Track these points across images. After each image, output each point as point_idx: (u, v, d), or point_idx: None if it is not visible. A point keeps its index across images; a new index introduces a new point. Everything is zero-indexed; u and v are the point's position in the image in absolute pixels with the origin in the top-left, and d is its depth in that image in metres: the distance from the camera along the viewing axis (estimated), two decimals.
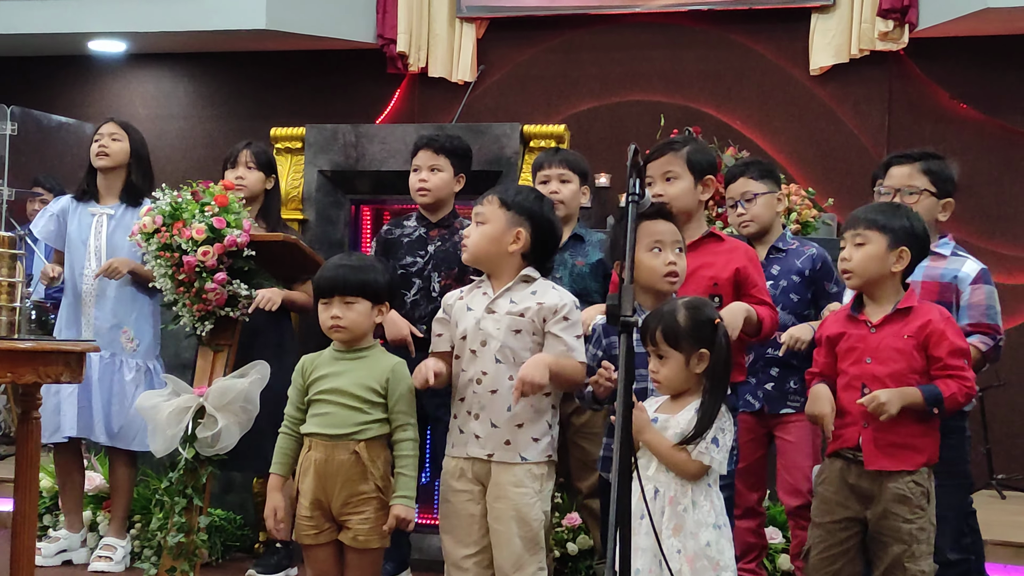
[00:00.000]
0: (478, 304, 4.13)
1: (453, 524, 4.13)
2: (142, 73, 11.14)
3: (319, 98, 10.43)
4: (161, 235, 4.90)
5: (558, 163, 5.10)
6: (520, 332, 4.05)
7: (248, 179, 5.60)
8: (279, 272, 5.27)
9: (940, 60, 9.36)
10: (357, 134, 6.05)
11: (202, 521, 4.96)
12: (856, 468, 4.01)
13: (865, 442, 3.98)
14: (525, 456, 4.04)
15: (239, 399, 4.90)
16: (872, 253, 4.04)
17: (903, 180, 4.52)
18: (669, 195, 4.34)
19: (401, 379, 4.13)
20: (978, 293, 4.39)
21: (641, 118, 9.67)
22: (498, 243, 4.10)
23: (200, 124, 10.99)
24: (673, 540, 3.61)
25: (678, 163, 4.41)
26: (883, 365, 3.98)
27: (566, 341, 4.04)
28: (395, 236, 5.20)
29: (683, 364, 3.70)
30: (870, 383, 3.97)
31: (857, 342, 4.05)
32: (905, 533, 3.93)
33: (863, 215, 4.10)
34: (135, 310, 5.70)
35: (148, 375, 5.68)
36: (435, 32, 10.24)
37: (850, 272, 4.07)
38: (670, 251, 3.99)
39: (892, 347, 3.99)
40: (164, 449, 4.92)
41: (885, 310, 4.05)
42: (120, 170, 5.75)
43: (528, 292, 4.09)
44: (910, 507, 3.94)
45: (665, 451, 3.67)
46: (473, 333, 4.09)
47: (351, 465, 4.06)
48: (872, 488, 3.99)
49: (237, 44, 10.40)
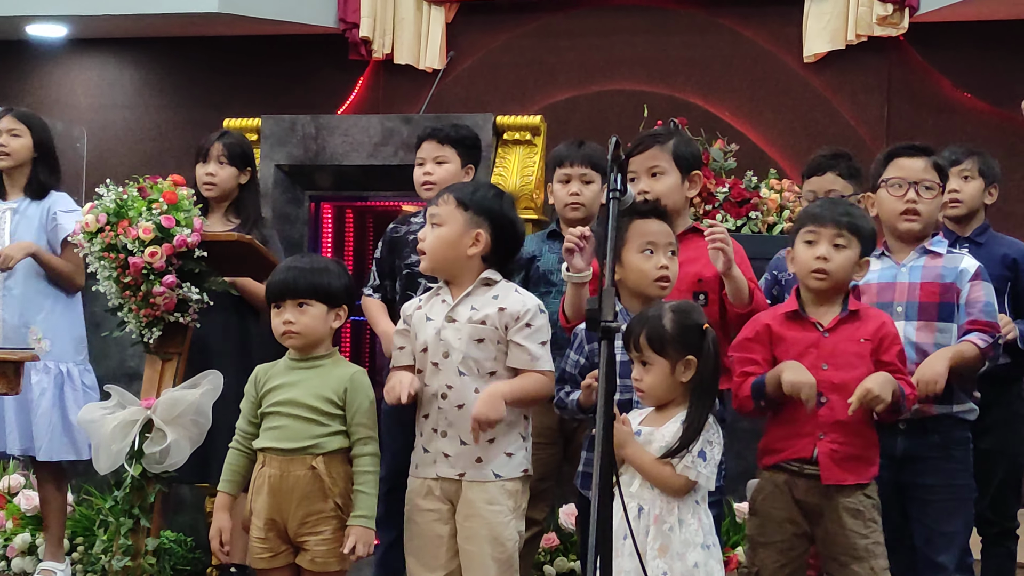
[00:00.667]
0: (437, 313, 4.11)
1: (418, 546, 4.11)
2: (85, 60, 11.10)
3: (276, 87, 10.41)
4: (105, 235, 4.86)
5: (581, 161, 4.91)
6: (483, 341, 4.03)
7: (219, 176, 5.54)
8: (234, 275, 5.25)
9: (942, 46, 9.41)
10: (317, 126, 6.05)
11: (150, 543, 4.93)
12: (804, 482, 3.98)
13: (822, 455, 3.95)
14: (499, 473, 4.03)
15: (190, 411, 4.87)
16: (851, 258, 4.06)
17: (919, 174, 4.45)
18: (656, 192, 4.33)
19: (360, 389, 4.12)
20: (976, 290, 4.38)
21: (623, 109, 9.67)
22: (456, 247, 4.07)
23: (147, 115, 10.95)
24: (659, 561, 3.60)
25: (664, 157, 4.40)
26: (841, 371, 3.97)
27: (529, 350, 4.02)
28: (401, 234, 5.15)
29: (668, 372, 3.70)
30: (827, 391, 3.95)
31: (808, 346, 4.02)
32: (862, 549, 3.93)
33: (847, 216, 4.08)
34: (44, 308, 5.66)
35: (62, 380, 5.64)
36: (401, 16, 10.23)
37: (827, 273, 4.04)
38: (662, 254, 3.99)
39: (849, 352, 3.99)
40: (109, 466, 4.89)
41: (833, 312, 4.05)
42: (24, 167, 5.73)
43: (489, 297, 4.08)
44: (864, 521, 3.95)
45: (648, 466, 3.67)
46: (434, 344, 4.07)
47: (308, 481, 4.05)
48: (821, 503, 3.98)
49: (188, 28, 10.38)
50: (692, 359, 3.69)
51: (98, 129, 10.81)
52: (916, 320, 4.35)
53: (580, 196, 4.89)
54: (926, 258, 4.42)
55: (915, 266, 4.41)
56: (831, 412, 3.94)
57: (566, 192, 4.89)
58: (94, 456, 4.93)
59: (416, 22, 10.25)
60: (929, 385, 4.17)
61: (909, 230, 4.43)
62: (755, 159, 9.01)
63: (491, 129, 5.84)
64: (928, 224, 4.46)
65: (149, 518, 4.92)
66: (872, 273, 4.41)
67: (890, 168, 4.50)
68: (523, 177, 5.68)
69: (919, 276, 4.40)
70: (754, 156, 9.14)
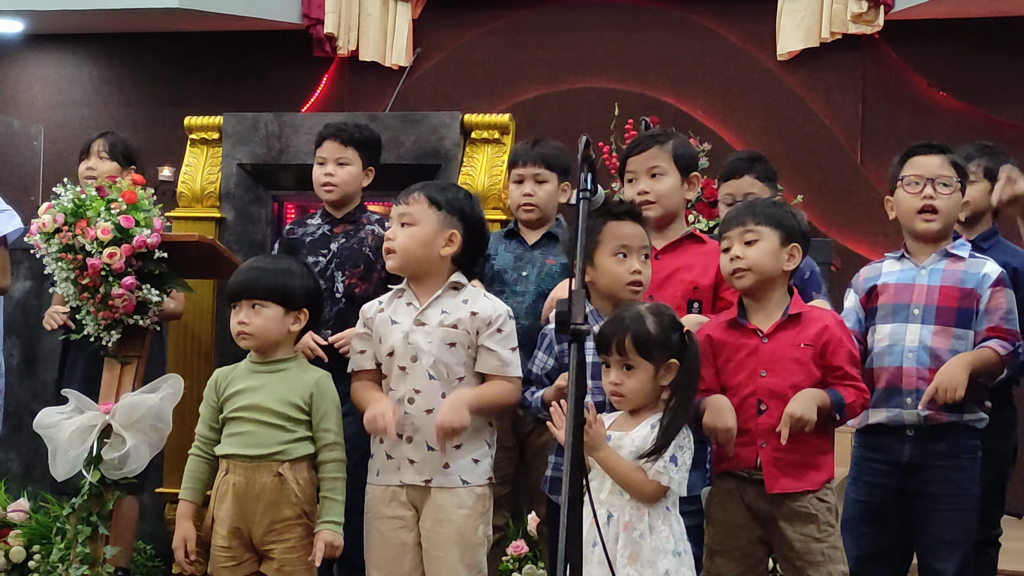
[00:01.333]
0: (404, 316, 4.11)
1: (382, 555, 4.11)
2: (42, 56, 11.05)
3: (238, 84, 10.39)
4: (63, 235, 4.84)
5: (534, 160, 4.89)
6: (455, 345, 4.04)
7: (99, 170, 5.60)
8: (193, 276, 5.24)
9: (918, 44, 9.45)
10: (280, 124, 6.01)
11: (108, 552, 4.92)
12: (753, 488, 3.99)
13: (765, 463, 3.95)
14: (466, 479, 4.04)
15: (149, 416, 4.86)
16: (767, 249, 4.01)
17: (936, 170, 4.43)
18: (656, 193, 4.34)
19: (326, 394, 4.12)
20: (998, 296, 4.37)
21: (593, 107, 9.69)
22: (430, 246, 4.07)
23: (106, 112, 10.91)
24: (629, 569, 3.61)
25: (664, 158, 4.40)
26: (779, 377, 3.96)
27: (500, 355, 4.04)
28: (297, 236, 5.15)
29: (652, 375, 3.71)
30: (766, 398, 3.95)
31: (748, 354, 4.01)
32: (818, 553, 3.93)
33: (750, 211, 4.08)
34: None
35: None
36: (366, 12, 10.22)
37: (743, 271, 4.00)
38: (636, 257, 3.98)
39: (789, 358, 3.98)
40: (66, 472, 4.87)
41: (774, 317, 4.03)
42: None
43: (459, 301, 4.09)
44: (818, 525, 3.95)
45: (622, 470, 3.67)
46: (402, 348, 4.07)
47: (274, 488, 4.05)
48: (771, 509, 3.98)
49: (148, 24, 10.35)
50: (674, 362, 3.71)
51: (56, 127, 10.77)
52: (933, 324, 4.35)
53: (533, 196, 4.87)
54: (947, 261, 4.42)
55: (935, 269, 4.40)
56: (770, 420, 3.93)
57: (519, 193, 4.88)
58: (51, 462, 4.90)
59: (382, 18, 10.24)
60: (948, 392, 4.19)
61: (927, 230, 4.42)
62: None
63: (459, 128, 5.82)
64: (947, 223, 4.45)
65: (107, 526, 4.91)
66: (891, 274, 4.43)
67: (906, 167, 4.49)
68: (491, 177, 5.66)
69: (939, 279, 4.40)
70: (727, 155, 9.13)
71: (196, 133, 6.16)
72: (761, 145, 9.56)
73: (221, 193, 6.05)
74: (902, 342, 4.37)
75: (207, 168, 6.10)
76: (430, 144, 5.75)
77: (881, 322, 4.45)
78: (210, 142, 6.13)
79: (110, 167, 5.67)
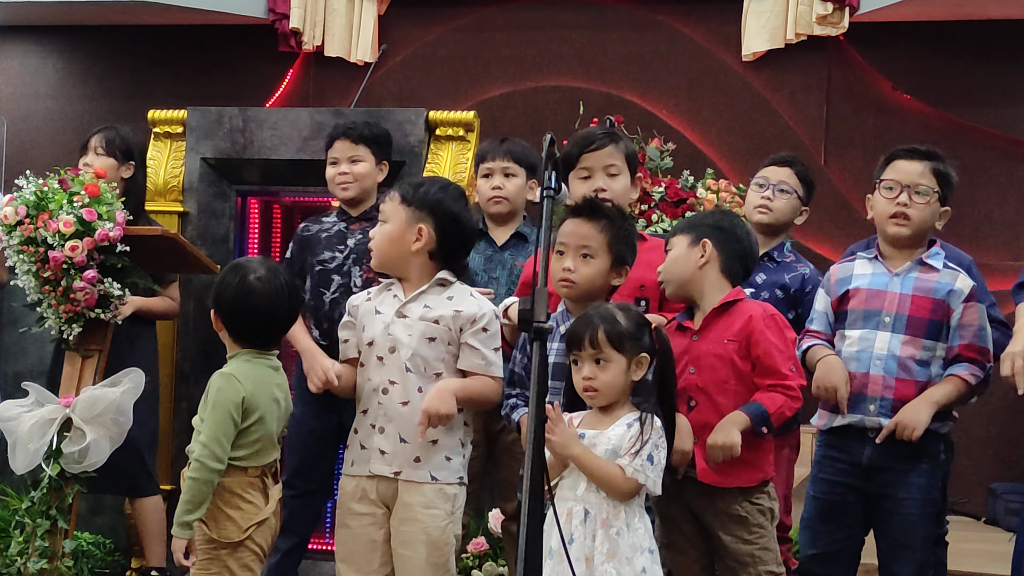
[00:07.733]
0: (388, 307, 4.14)
1: (351, 551, 4.12)
2: (5, 47, 10.98)
3: (203, 78, 10.35)
4: (24, 227, 4.82)
5: (503, 155, 5.03)
6: (434, 340, 4.06)
7: (96, 166, 5.56)
8: (156, 270, 5.22)
9: (882, 47, 9.48)
10: (245, 118, 6.00)
11: (67, 545, 4.90)
12: (690, 484, 4.04)
13: (698, 457, 4.00)
14: (436, 476, 4.05)
15: (110, 410, 4.85)
16: (675, 255, 4.12)
17: (915, 177, 4.42)
18: (613, 191, 4.35)
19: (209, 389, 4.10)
20: (971, 312, 4.37)
21: (558, 105, 9.71)
22: (399, 243, 4.11)
23: (70, 104, 10.86)
24: (607, 566, 3.63)
25: (619, 157, 4.42)
26: (704, 373, 4.02)
27: (484, 354, 4.06)
28: (312, 232, 5.16)
29: (624, 369, 3.74)
30: (695, 394, 4.02)
31: (681, 352, 4.05)
32: (746, 555, 3.99)
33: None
34: None
35: None
36: (332, 7, 10.20)
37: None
38: (571, 255, 4.00)
39: (712, 354, 4.03)
40: (25, 465, 4.85)
41: (703, 316, 4.10)
42: None
43: (444, 297, 4.11)
44: (747, 527, 4.00)
45: (598, 468, 3.69)
46: (382, 339, 4.10)
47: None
48: (705, 508, 4.04)
49: (112, 17, 10.30)
50: (645, 356, 3.76)
51: (19, 119, 10.72)
52: (903, 334, 4.35)
53: (503, 189, 4.98)
54: (920, 270, 4.42)
55: (908, 277, 4.41)
56: (700, 416, 3.99)
57: (488, 186, 4.96)
58: (11, 455, 4.89)
59: (348, 14, 10.22)
60: (907, 431, 4.22)
61: (897, 234, 4.43)
62: (692, 158, 9.06)
63: (423, 124, 5.82)
64: (919, 231, 4.44)
65: (67, 519, 4.89)
66: (863, 277, 4.44)
67: (887, 170, 4.50)
68: (455, 174, 5.66)
69: (911, 288, 4.39)
70: (691, 155, 9.19)
71: (160, 127, 6.15)
72: (725, 145, 9.63)
73: (184, 188, 6.04)
74: (871, 349, 4.37)
75: (171, 162, 6.09)
76: (395, 141, 5.74)
77: (851, 327, 4.45)
78: (174, 136, 6.13)
79: (106, 163, 5.63)
